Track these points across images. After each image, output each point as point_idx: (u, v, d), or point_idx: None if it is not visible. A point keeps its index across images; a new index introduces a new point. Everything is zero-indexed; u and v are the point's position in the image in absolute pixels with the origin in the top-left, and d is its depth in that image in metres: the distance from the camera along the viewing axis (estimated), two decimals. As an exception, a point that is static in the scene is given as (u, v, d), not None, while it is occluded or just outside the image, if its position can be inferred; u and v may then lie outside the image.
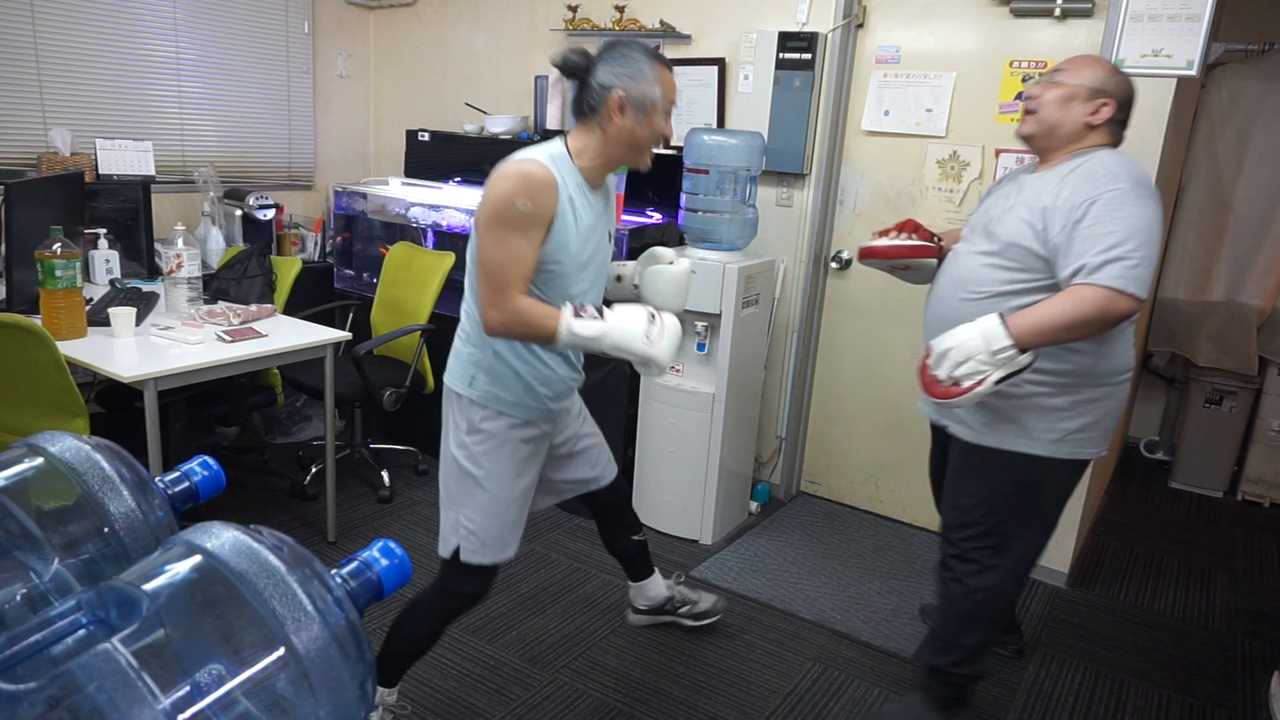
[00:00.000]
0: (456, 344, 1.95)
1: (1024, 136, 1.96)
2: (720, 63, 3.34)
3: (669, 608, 2.54)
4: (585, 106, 1.79)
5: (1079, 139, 1.89)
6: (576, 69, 1.77)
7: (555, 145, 1.81)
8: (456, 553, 1.90)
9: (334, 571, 0.63)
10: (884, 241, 2.23)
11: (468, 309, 1.92)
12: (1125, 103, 1.90)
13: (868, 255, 2.28)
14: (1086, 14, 2.73)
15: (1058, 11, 2.77)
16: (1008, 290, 1.88)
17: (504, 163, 1.75)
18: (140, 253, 3.41)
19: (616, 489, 2.26)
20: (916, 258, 2.21)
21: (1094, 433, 1.94)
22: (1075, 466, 1.98)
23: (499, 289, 1.71)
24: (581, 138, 1.81)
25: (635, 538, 2.39)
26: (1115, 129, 1.92)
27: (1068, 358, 1.86)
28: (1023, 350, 1.72)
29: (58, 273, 2.45)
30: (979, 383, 1.73)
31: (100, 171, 3.44)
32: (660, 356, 1.70)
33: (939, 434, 2.23)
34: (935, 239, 2.22)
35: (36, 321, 2.30)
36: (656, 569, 2.49)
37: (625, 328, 1.69)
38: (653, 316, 1.71)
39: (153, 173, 3.58)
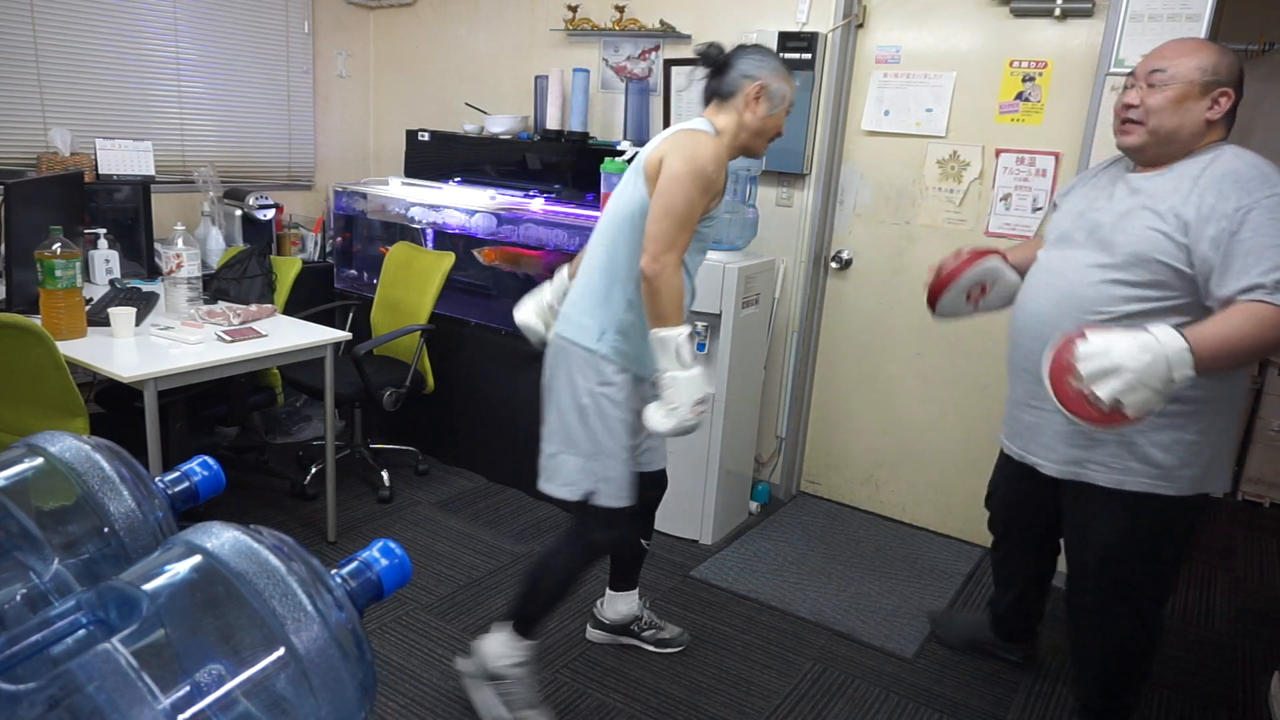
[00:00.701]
0: (582, 301, 2.01)
1: (1130, 149, 1.75)
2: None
3: (634, 628, 2.48)
4: (722, 92, 1.96)
5: (1199, 139, 1.69)
6: (715, 59, 1.97)
7: (710, 122, 1.96)
8: (589, 500, 2.01)
9: (334, 571, 0.63)
10: (945, 269, 2.04)
11: (602, 265, 2.00)
12: (1239, 82, 1.70)
13: (941, 288, 2.05)
14: (1087, 14, 2.73)
15: (1058, 11, 2.77)
16: (1140, 311, 1.66)
17: (693, 129, 1.92)
18: (140, 253, 3.41)
19: (660, 480, 2.29)
20: (984, 263, 2.01)
21: (1221, 466, 1.77)
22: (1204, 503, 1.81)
23: (673, 239, 1.84)
24: (723, 118, 1.97)
25: (644, 541, 2.40)
26: (1232, 115, 1.72)
27: (1202, 381, 1.60)
28: (1200, 369, 1.52)
29: (57, 273, 2.45)
30: (1148, 413, 1.52)
31: (100, 171, 3.44)
32: (670, 426, 1.86)
33: (1021, 468, 2.01)
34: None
35: (36, 321, 2.30)
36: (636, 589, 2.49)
37: (693, 383, 1.85)
38: (705, 400, 1.88)
39: (153, 173, 3.58)
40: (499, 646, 2.11)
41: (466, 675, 2.17)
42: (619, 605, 2.47)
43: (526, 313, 2.28)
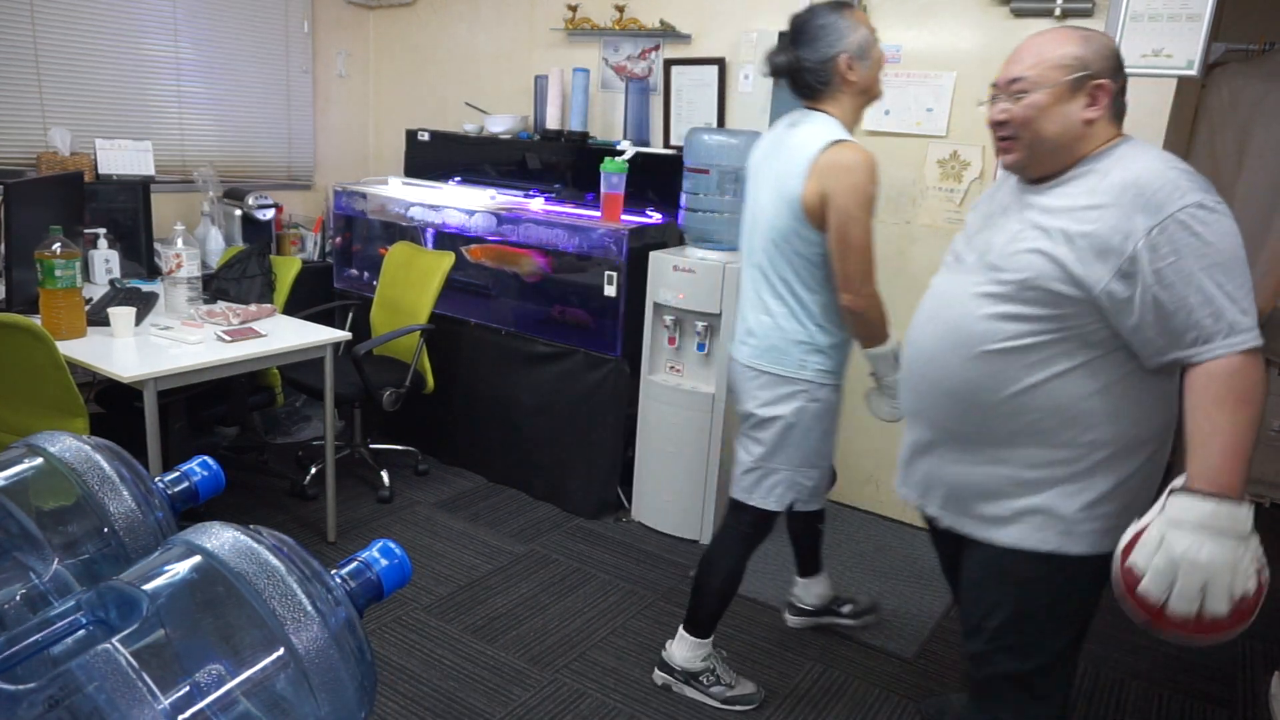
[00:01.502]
0: (768, 332, 2.08)
1: (1012, 169, 1.50)
2: (720, 63, 3.34)
3: (834, 606, 2.60)
4: (816, 87, 1.97)
5: (1085, 142, 1.42)
6: (787, 67, 1.98)
7: (833, 119, 1.97)
8: (793, 508, 2.14)
9: (334, 572, 0.63)
10: None
11: (773, 294, 2.07)
12: (1116, 66, 1.43)
13: None
14: (1087, 14, 2.73)
15: (1058, 11, 2.77)
16: (1031, 345, 1.40)
17: (839, 148, 1.90)
18: (140, 253, 3.41)
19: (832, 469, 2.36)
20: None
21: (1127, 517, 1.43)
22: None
23: (867, 273, 1.94)
24: (837, 105, 1.98)
25: (820, 525, 2.50)
26: (1122, 104, 1.46)
27: (1102, 426, 1.40)
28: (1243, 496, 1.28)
29: (57, 273, 2.45)
30: (1260, 590, 1.27)
31: (100, 171, 3.44)
32: (899, 417, 1.90)
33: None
34: None
35: (36, 321, 2.30)
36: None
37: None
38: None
39: (152, 172, 3.58)
40: (685, 651, 2.27)
41: (670, 687, 2.30)
42: (815, 589, 2.56)
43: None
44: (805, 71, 1.96)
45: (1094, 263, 1.33)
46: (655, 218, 3.30)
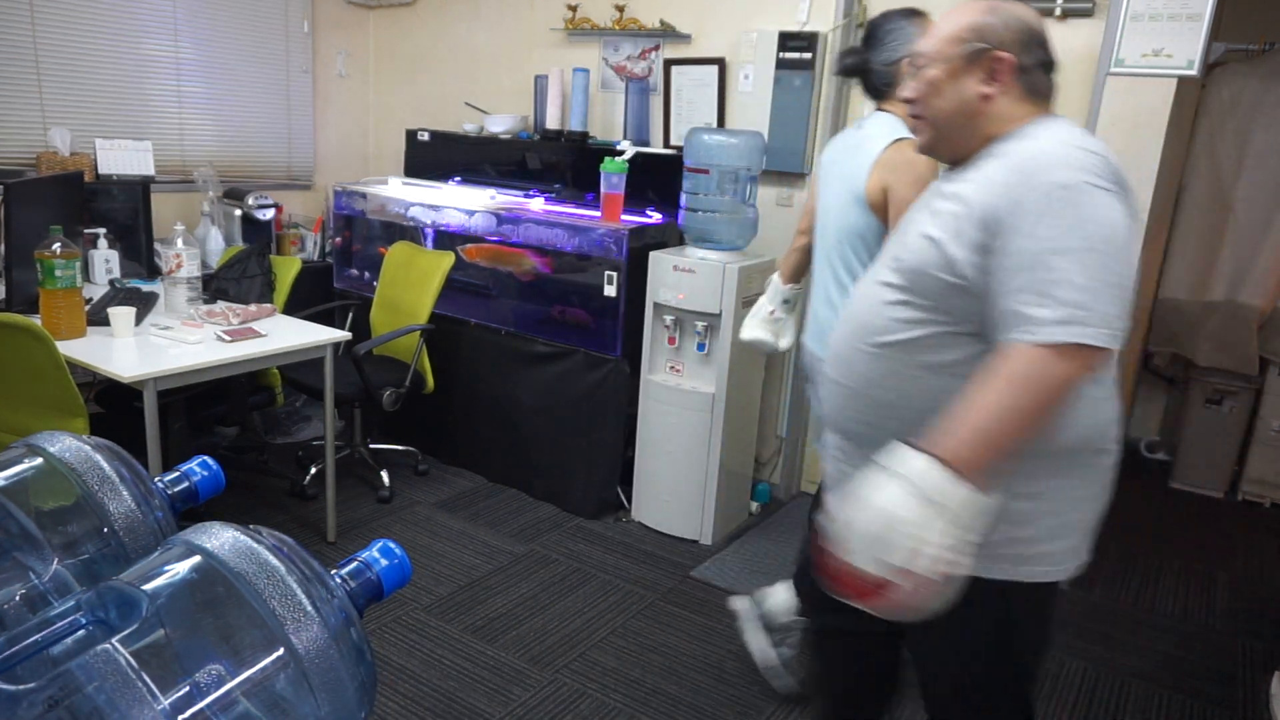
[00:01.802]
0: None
1: (924, 151, 1.41)
2: (720, 63, 3.34)
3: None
4: (881, 88, 2.06)
5: (992, 120, 1.29)
6: (856, 68, 2.08)
7: (895, 119, 2.01)
8: None
9: (333, 572, 0.63)
10: None
11: (844, 285, 2.09)
12: (1026, 40, 1.29)
13: None
14: (1087, 14, 2.73)
15: (1058, 11, 2.77)
16: (916, 338, 1.29)
17: (901, 145, 1.94)
18: (140, 253, 3.41)
19: None
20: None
21: (1073, 540, 1.32)
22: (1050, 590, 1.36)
23: None
24: (898, 109, 2.01)
25: None
26: (1036, 80, 1.30)
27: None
28: (977, 483, 1.11)
29: (57, 273, 2.45)
30: (933, 585, 1.10)
31: (100, 171, 3.44)
32: None
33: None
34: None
35: (36, 321, 2.30)
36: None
37: None
38: None
39: (152, 172, 3.58)
40: (789, 598, 2.27)
41: (743, 617, 2.33)
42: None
43: (752, 330, 2.37)
44: (873, 73, 2.07)
45: (966, 243, 1.21)
46: (655, 218, 3.30)
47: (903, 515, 1.09)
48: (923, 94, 1.33)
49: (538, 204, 3.50)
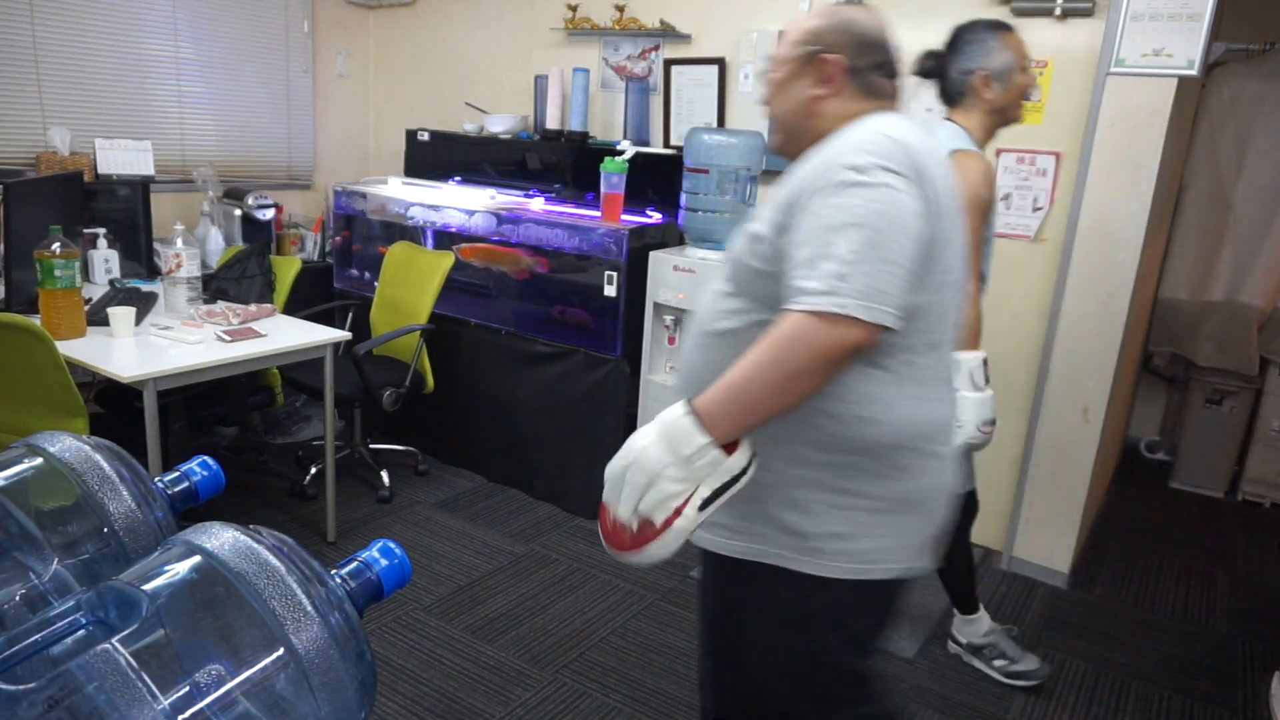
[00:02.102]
0: None
1: (776, 152, 1.42)
2: (720, 62, 3.34)
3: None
4: (952, 95, 2.07)
5: (825, 119, 1.30)
6: (934, 72, 2.08)
7: (961, 129, 2.03)
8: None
9: (333, 572, 0.63)
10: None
11: None
12: (858, 44, 1.29)
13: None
14: (1087, 13, 2.73)
15: (1058, 11, 2.77)
16: (735, 328, 1.29)
17: (957, 151, 1.96)
18: (139, 252, 3.41)
19: (970, 503, 2.36)
20: None
21: (885, 542, 1.26)
22: (869, 589, 1.28)
23: (968, 277, 1.90)
24: (968, 118, 2.06)
25: (965, 558, 2.48)
26: (871, 82, 1.31)
27: (822, 422, 1.22)
28: (725, 443, 1.10)
29: (57, 273, 2.45)
30: (677, 513, 1.11)
31: (100, 171, 3.44)
32: (956, 443, 1.58)
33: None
34: None
35: (36, 321, 2.30)
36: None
37: (982, 404, 1.98)
38: (993, 423, 2.01)
39: (152, 172, 3.58)
40: (966, 629, 2.45)
41: (961, 657, 2.49)
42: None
43: None
44: (947, 79, 2.08)
45: (772, 230, 1.22)
46: (655, 218, 3.30)
47: (645, 455, 1.11)
48: (769, 97, 1.37)
49: (538, 204, 3.50)
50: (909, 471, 1.26)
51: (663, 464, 1.10)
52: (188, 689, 0.52)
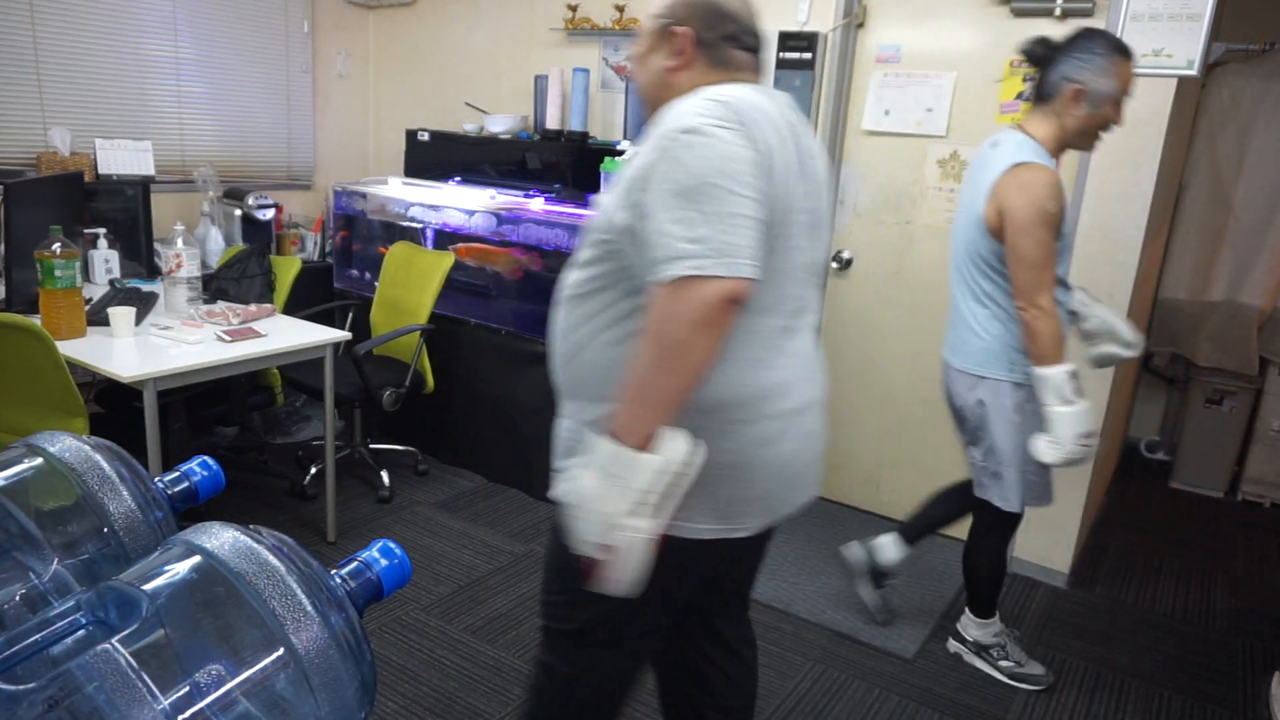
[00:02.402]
0: (973, 338, 2.16)
1: (647, 124, 1.39)
2: (720, 62, 3.33)
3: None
4: (1042, 93, 2.03)
5: (677, 91, 1.32)
6: (1040, 59, 2.03)
7: (1029, 140, 2.01)
8: (1025, 505, 2.22)
9: (333, 572, 0.63)
10: None
11: (973, 302, 2.15)
12: (709, 15, 1.34)
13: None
14: (1087, 13, 2.73)
15: (1058, 11, 2.77)
16: (583, 293, 1.33)
17: (1020, 169, 1.97)
18: (140, 253, 3.41)
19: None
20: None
21: (707, 499, 1.26)
22: (677, 546, 1.27)
23: (1037, 285, 1.96)
24: (1043, 126, 2.03)
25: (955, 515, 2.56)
26: (723, 53, 1.35)
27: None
28: (648, 443, 1.13)
29: (57, 273, 2.45)
30: (635, 527, 1.14)
31: (100, 171, 3.44)
32: (1056, 458, 2.05)
33: None
34: None
35: (36, 321, 2.30)
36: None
37: (1077, 417, 2.00)
38: (1091, 434, 2.04)
39: (152, 172, 3.58)
40: (976, 629, 2.46)
41: (961, 656, 2.51)
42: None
43: (1091, 350, 2.35)
44: (1046, 75, 2.03)
45: (622, 204, 1.25)
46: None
47: (590, 495, 1.15)
48: (633, 71, 1.42)
49: (538, 204, 3.49)
50: (730, 435, 1.26)
51: (609, 496, 1.13)
52: (188, 689, 0.52)
